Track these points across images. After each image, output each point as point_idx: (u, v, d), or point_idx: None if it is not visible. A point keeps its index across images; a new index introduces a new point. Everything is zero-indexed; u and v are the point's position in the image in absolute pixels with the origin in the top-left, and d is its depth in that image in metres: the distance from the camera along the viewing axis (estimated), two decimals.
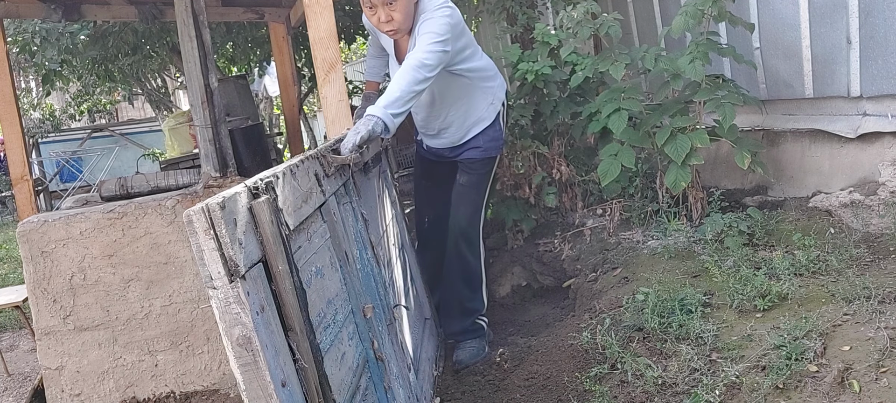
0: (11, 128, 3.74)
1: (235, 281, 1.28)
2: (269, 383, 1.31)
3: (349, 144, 2.19)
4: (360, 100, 5.59)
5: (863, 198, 3.09)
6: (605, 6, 4.79)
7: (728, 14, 3.25)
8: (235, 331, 1.29)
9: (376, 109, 2.37)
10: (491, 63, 3.06)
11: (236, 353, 1.30)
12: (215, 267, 1.28)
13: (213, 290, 1.30)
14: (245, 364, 1.30)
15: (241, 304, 1.29)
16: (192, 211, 1.28)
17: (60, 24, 4.95)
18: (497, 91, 3.03)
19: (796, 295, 2.58)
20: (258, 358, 1.30)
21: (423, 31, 2.61)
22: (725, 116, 3.17)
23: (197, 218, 1.27)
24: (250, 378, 1.30)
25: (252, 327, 1.29)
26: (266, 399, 1.31)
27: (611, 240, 3.67)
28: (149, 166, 8.24)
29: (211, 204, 1.28)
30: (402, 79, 2.46)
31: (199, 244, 1.28)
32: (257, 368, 1.30)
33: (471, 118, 2.98)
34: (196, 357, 3.10)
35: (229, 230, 1.29)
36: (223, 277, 1.27)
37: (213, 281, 1.28)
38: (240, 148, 3.35)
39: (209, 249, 1.27)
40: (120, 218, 2.97)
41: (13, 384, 3.88)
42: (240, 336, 1.29)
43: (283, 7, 4.99)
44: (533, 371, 2.75)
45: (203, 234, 1.27)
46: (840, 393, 2.02)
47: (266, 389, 1.31)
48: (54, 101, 12.91)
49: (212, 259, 1.27)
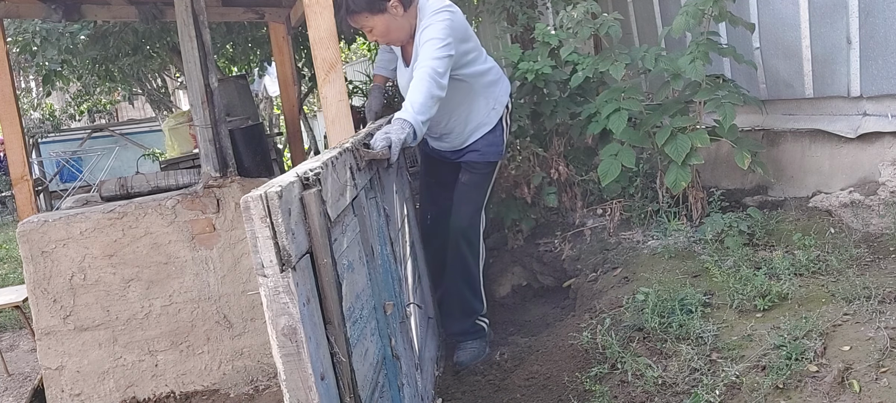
0: (11, 128, 3.73)
1: (286, 271, 1.29)
2: (310, 375, 1.31)
3: (381, 144, 2.15)
4: (359, 100, 5.53)
5: (863, 197, 3.09)
6: (605, 6, 4.79)
7: (728, 14, 3.25)
8: (281, 321, 1.29)
9: (407, 114, 2.33)
10: (496, 66, 3.04)
11: (280, 343, 1.30)
12: (267, 256, 1.28)
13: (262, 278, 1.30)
14: (288, 355, 1.30)
15: (290, 294, 1.29)
16: (250, 197, 1.28)
17: (60, 24, 4.94)
18: (500, 96, 3.02)
19: (796, 295, 2.58)
20: (301, 350, 1.30)
21: (425, 38, 2.59)
22: (725, 116, 3.17)
23: (254, 204, 1.27)
24: (292, 368, 1.31)
25: (298, 318, 1.30)
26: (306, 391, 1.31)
27: (611, 240, 3.67)
28: (149, 166, 8.24)
29: (269, 192, 1.29)
30: (422, 87, 2.44)
31: (254, 231, 1.28)
32: (300, 359, 1.30)
33: (472, 123, 2.98)
34: (196, 357, 3.10)
35: (285, 219, 1.29)
36: (274, 266, 1.28)
37: (264, 268, 1.29)
38: (240, 148, 3.35)
39: (263, 237, 1.28)
40: (120, 218, 2.97)
41: (13, 384, 3.88)
42: (285, 327, 1.29)
43: (283, 7, 4.99)
44: (533, 371, 2.75)
45: (259, 221, 1.28)
46: (840, 393, 2.02)
47: (306, 381, 1.31)
48: (54, 101, 12.91)
49: (265, 247, 1.28)
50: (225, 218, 3.08)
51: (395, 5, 2.63)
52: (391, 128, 2.25)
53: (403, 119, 2.32)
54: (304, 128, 8.24)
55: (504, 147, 3.09)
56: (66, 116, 11.21)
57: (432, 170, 3.31)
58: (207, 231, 3.06)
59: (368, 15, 2.61)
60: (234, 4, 4.91)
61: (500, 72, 3.06)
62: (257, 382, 3.13)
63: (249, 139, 3.52)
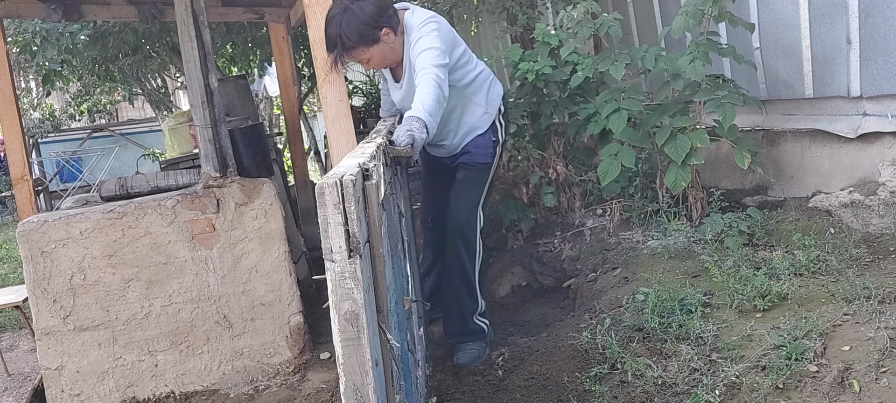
0: (11, 128, 3.73)
1: (354, 258, 1.33)
2: (367, 360, 1.36)
3: (405, 141, 2.18)
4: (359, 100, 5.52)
5: (863, 198, 3.09)
6: (605, 6, 4.79)
7: (728, 14, 3.25)
8: (345, 306, 1.33)
9: (420, 112, 2.35)
10: (487, 70, 3.07)
11: (342, 328, 1.34)
12: (337, 241, 1.32)
13: (330, 263, 1.34)
14: (348, 340, 1.34)
15: (356, 280, 1.33)
16: (325, 183, 1.33)
17: (60, 24, 4.94)
18: (492, 100, 3.04)
19: (796, 295, 2.58)
20: (361, 335, 1.34)
21: (419, 49, 2.63)
22: (725, 116, 3.17)
23: (329, 191, 1.32)
24: (351, 353, 1.35)
25: (362, 304, 1.34)
26: (362, 375, 1.36)
27: (611, 240, 3.67)
28: (149, 166, 8.24)
29: (344, 179, 1.33)
30: (429, 89, 2.47)
31: (327, 216, 1.32)
32: (359, 344, 1.35)
33: (465, 127, 3.02)
34: (196, 357, 3.10)
35: (356, 207, 1.34)
36: (343, 252, 1.32)
37: (333, 254, 1.33)
38: (240, 148, 3.35)
39: (335, 223, 1.32)
40: (120, 218, 2.97)
41: (13, 384, 3.87)
42: (348, 312, 1.33)
43: (283, 7, 4.99)
44: (533, 371, 2.75)
45: (332, 208, 1.32)
46: (840, 393, 2.02)
47: (364, 366, 1.35)
48: (54, 101, 12.90)
49: (336, 232, 1.32)
50: (225, 218, 3.08)
51: (386, 33, 2.69)
52: (411, 125, 2.28)
53: (417, 116, 2.34)
54: (304, 128, 8.25)
55: (498, 149, 3.10)
56: (66, 116, 11.21)
57: (432, 171, 3.34)
58: (207, 231, 3.06)
59: (364, 48, 2.68)
60: (234, 4, 4.90)
61: (491, 76, 3.08)
62: (257, 382, 3.13)
63: (249, 139, 3.52)
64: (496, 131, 3.04)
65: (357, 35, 2.62)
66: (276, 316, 3.18)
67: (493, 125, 3.03)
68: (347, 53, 2.67)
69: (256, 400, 3.02)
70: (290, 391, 3.02)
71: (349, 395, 1.37)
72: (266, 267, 3.14)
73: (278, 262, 3.16)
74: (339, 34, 2.59)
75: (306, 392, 2.97)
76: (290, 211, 4.56)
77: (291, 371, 3.16)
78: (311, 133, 9.29)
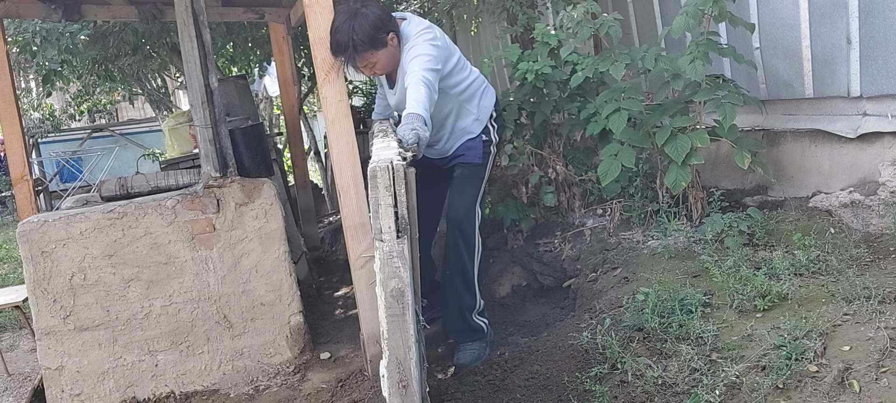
0: (11, 128, 3.74)
1: (402, 238, 1.42)
2: (411, 336, 1.44)
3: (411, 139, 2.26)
4: (359, 100, 5.53)
5: (863, 198, 3.09)
6: (605, 6, 4.79)
7: (728, 14, 3.24)
8: (392, 283, 1.42)
9: (418, 108, 2.47)
10: (480, 77, 3.17)
11: (388, 304, 1.43)
12: (387, 222, 1.42)
13: (380, 242, 1.43)
14: (393, 316, 1.43)
15: (403, 259, 1.42)
16: (378, 167, 1.42)
17: (60, 24, 4.94)
18: (485, 106, 3.14)
19: (796, 295, 2.58)
20: (406, 312, 1.43)
21: (412, 56, 2.75)
22: (725, 116, 3.17)
23: (381, 174, 1.41)
24: (395, 328, 1.43)
25: (408, 282, 1.43)
26: (405, 350, 1.45)
27: (611, 240, 3.67)
28: (149, 166, 8.24)
29: (395, 163, 1.43)
30: (420, 89, 2.59)
31: (378, 198, 1.42)
32: (404, 321, 1.43)
33: (457, 132, 3.12)
34: (196, 357, 3.10)
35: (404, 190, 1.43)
36: (392, 232, 1.42)
37: (383, 234, 1.42)
38: (240, 148, 3.35)
39: (386, 205, 1.41)
40: (120, 218, 2.97)
41: (13, 384, 3.87)
42: (394, 289, 1.42)
43: (283, 7, 4.99)
44: (533, 371, 2.75)
45: (384, 190, 1.41)
46: (840, 393, 2.02)
47: (407, 341, 1.44)
48: (54, 101, 12.89)
49: (386, 214, 1.42)
50: (225, 218, 3.08)
51: (392, 38, 2.83)
52: (413, 123, 2.37)
53: (416, 113, 2.45)
54: (304, 128, 8.25)
55: (492, 148, 3.18)
56: (66, 116, 11.20)
57: (423, 172, 3.35)
58: (207, 231, 3.06)
59: (373, 51, 2.79)
60: (234, 4, 4.91)
61: (484, 83, 3.18)
62: (257, 382, 3.13)
63: (249, 139, 3.52)
64: (488, 133, 3.15)
65: (368, 38, 2.74)
66: (276, 316, 3.18)
67: (485, 129, 3.14)
68: (358, 56, 2.77)
69: (256, 400, 3.02)
70: (290, 391, 3.02)
71: (392, 369, 1.45)
72: (266, 267, 3.14)
73: (278, 262, 3.16)
74: (350, 38, 2.71)
75: (306, 392, 2.97)
76: (290, 211, 4.57)
77: (291, 371, 3.16)
78: (311, 133, 9.29)
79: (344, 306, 4.20)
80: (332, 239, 5.84)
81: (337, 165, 2.86)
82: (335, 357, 3.28)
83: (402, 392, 1.45)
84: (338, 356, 3.28)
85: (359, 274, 2.88)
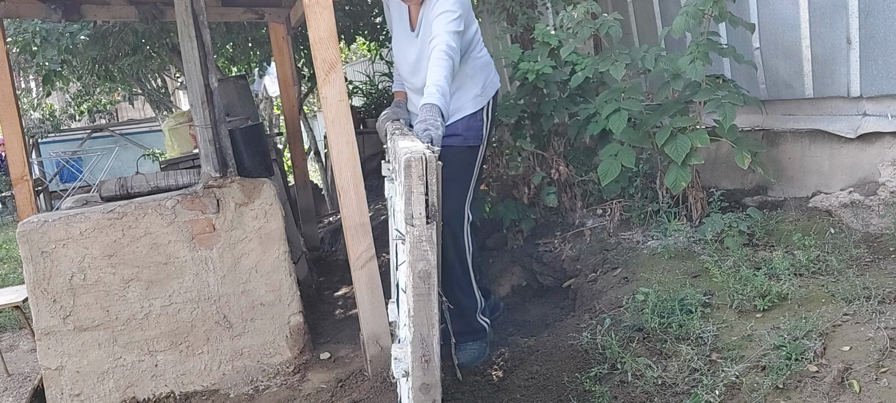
0: (11, 128, 3.73)
1: (431, 224, 1.54)
2: (435, 314, 1.57)
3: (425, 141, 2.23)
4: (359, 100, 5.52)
5: (863, 197, 3.09)
6: (605, 6, 4.79)
7: (728, 14, 3.24)
8: (419, 265, 1.55)
9: (435, 98, 2.45)
10: (490, 60, 3.08)
11: (415, 284, 1.56)
12: (418, 209, 1.55)
13: (411, 227, 1.56)
14: (420, 295, 1.56)
15: (431, 243, 1.55)
16: (412, 157, 1.55)
17: (60, 24, 4.94)
18: (488, 85, 3.04)
19: (796, 295, 2.58)
20: (432, 291, 1.56)
21: (439, 10, 2.69)
22: (725, 116, 3.17)
23: (415, 163, 1.54)
24: (421, 307, 1.56)
25: (434, 264, 1.55)
26: (429, 327, 1.58)
27: (611, 240, 3.67)
28: (149, 166, 8.23)
29: (427, 154, 1.56)
30: (442, 64, 2.57)
31: (411, 186, 1.54)
32: (429, 300, 1.56)
33: (457, 102, 3.01)
34: (196, 357, 3.10)
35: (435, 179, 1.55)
36: (422, 218, 1.55)
37: (414, 219, 1.55)
38: (240, 148, 3.35)
39: (418, 193, 1.54)
40: (120, 218, 2.97)
41: (13, 384, 3.87)
42: (422, 270, 1.55)
43: (283, 7, 5.00)
44: (533, 371, 2.75)
45: (416, 178, 1.54)
46: (840, 393, 2.02)
47: (431, 319, 1.57)
48: (54, 101, 12.90)
49: (418, 201, 1.54)
50: (225, 218, 3.08)
51: None
52: (428, 121, 2.34)
53: (432, 103, 2.42)
54: (304, 128, 8.24)
55: (483, 135, 3.06)
56: (66, 116, 11.21)
57: None
58: (207, 231, 3.06)
59: None
60: (234, 4, 4.91)
61: (491, 66, 3.10)
62: (257, 382, 3.13)
63: (249, 139, 3.52)
64: (483, 119, 3.04)
65: None
66: (276, 316, 3.18)
67: (483, 110, 3.03)
68: None
69: (256, 400, 3.02)
70: (290, 391, 3.02)
71: (416, 344, 1.57)
72: (266, 267, 3.14)
73: (278, 262, 3.16)
74: None
75: (306, 392, 2.97)
76: (290, 211, 4.57)
77: (291, 371, 3.16)
78: (311, 133, 9.29)
79: (344, 306, 4.20)
80: (332, 239, 5.84)
81: (337, 165, 2.86)
82: (335, 357, 3.28)
83: (425, 365, 1.58)
84: (338, 356, 3.28)
85: (359, 274, 2.88)
